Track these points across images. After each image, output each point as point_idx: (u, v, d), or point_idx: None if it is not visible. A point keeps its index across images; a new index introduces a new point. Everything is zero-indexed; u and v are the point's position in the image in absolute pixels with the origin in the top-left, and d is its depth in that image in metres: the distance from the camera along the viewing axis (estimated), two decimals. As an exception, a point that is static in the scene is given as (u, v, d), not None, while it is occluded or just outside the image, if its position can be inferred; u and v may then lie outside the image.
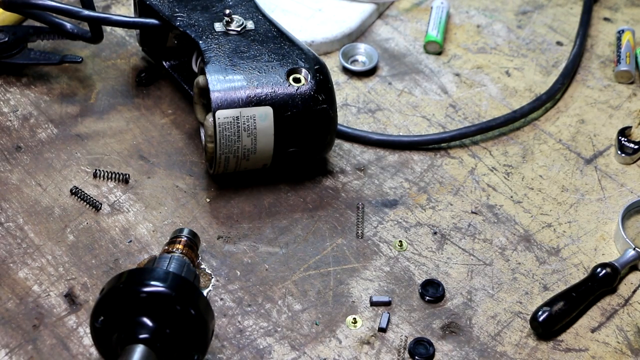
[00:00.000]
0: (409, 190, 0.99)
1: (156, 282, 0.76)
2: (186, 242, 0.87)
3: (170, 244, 0.87)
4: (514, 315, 0.89)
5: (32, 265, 0.90)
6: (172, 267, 0.81)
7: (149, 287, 0.75)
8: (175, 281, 0.76)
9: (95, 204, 0.95)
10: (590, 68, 1.14)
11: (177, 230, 0.89)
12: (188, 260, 0.84)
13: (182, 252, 0.85)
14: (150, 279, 0.76)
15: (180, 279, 0.77)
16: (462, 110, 1.08)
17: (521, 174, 1.02)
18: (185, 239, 0.87)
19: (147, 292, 0.75)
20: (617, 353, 0.86)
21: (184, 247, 0.86)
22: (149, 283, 0.75)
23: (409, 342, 0.86)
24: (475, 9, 1.22)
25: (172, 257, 0.83)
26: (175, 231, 0.89)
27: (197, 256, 0.88)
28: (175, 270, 0.81)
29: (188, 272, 0.82)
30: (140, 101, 1.06)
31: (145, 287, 0.75)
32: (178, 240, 0.87)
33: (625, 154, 1.03)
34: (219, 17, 0.99)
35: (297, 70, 0.94)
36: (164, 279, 0.76)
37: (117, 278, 0.77)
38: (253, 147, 0.92)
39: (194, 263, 0.86)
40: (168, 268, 0.81)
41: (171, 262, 0.82)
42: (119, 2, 1.19)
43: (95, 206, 0.95)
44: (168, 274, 0.77)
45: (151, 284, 0.75)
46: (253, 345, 0.85)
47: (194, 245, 0.87)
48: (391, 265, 0.92)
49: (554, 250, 0.94)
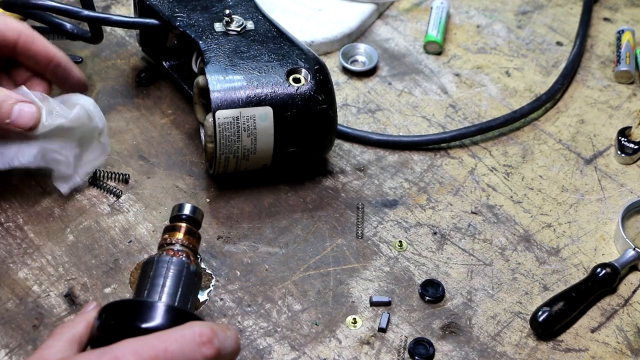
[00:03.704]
0: (409, 191, 0.99)
1: (149, 322, 0.72)
2: (186, 229, 0.83)
3: (170, 231, 0.83)
4: (514, 316, 0.89)
5: (32, 265, 0.90)
6: (169, 280, 0.78)
7: (143, 324, 0.72)
8: (169, 316, 0.73)
9: (116, 192, 0.96)
10: (590, 68, 1.14)
11: (176, 208, 0.84)
12: (186, 260, 0.81)
13: (182, 245, 0.81)
14: (142, 317, 0.73)
15: (175, 311, 0.74)
16: (462, 110, 1.08)
17: (521, 174, 1.02)
18: (185, 227, 0.83)
19: (142, 329, 0.72)
20: (617, 353, 0.86)
21: (184, 235, 0.82)
22: (140, 323, 0.72)
23: (409, 342, 0.86)
24: (475, 9, 1.22)
25: (170, 263, 0.79)
26: (174, 209, 0.84)
27: (198, 239, 0.84)
28: (173, 285, 0.77)
29: (187, 277, 0.79)
30: (140, 101, 1.06)
31: (140, 323, 0.72)
32: (178, 227, 0.83)
33: (625, 154, 1.03)
34: (219, 17, 0.99)
35: (297, 70, 0.94)
36: (156, 315, 0.73)
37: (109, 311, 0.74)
38: (253, 147, 0.93)
39: (195, 251, 0.83)
40: (165, 281, 0.78)
41: (168, 272, 0.78)
42: (119, 2, 1.19)
43: (117, 194, 0.96)
44: (160, 308, 0.73)
45: (143, 326, 0.72)
46: (253, 346, 0.85)
47: (195, 227, 0.83)
48: (391, 265, 0.92)
49: (554, 250, 0.94)
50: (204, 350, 0.69)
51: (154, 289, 0.77)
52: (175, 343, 0.69)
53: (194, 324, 0.70)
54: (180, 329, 0.70)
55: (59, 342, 0.73)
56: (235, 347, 0.72)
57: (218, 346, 0.70)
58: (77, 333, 0.74)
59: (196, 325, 0.70)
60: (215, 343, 0.70)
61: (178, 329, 0.70)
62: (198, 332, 0.69)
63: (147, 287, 0.78)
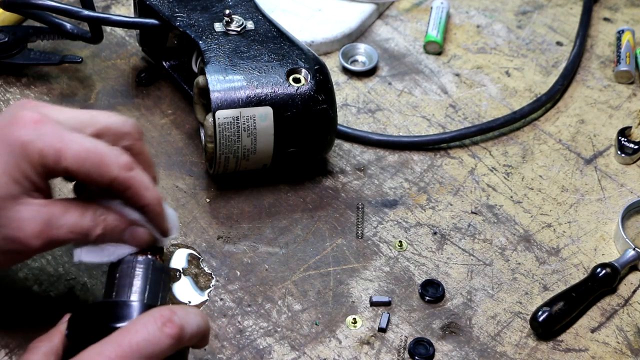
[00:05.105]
0: (409, 191, 0.99)
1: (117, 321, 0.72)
2: None
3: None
4: (514, 316, 0.89)
5: (32, 265, 0.90)
6: (135, 279, 0.77)
7: (113, 324, 0.72)
8: (137, 312, 0.73)
9: None
10: (590, 68, 1.14)
11: None
12: (151, 257, 0.78)
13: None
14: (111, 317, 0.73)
15: (144, 307, 0.73)
16: (462, 110, 1.08)
17: (521, 174, 1.02)
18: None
19: (111, 328, 0.72)
20: (617, 353, 0.86)
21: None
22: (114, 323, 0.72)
23: (409, 342, 0.86)
24: (475, 9, 1.22)
25: (134, 262, 0.78)
26: None
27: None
28: (140, 283, 0.76)
29: (154, 274, 0.78)
30: (140, 101, 1.06)
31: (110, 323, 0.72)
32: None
33: (625, 154, 1.03)
34: (219, 17, 0.99)
35: (297, 70, 0.94)
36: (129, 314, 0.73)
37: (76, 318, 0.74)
38: (253, 147, 0.93)
39: (161, 249, 0.81)
40: (132, 280, 0.76)
41: (134, 271, 0.77)
42: (119, 2, 1.19)
43: None
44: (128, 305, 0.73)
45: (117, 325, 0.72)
46: (253, 346, 0.85)
47: None
48: (391, 265, 0.92)
49: (553, 250, 0.94)
50: (166, 330, 0.69)
51: (122, 289, 0.76)
52: (137, 333, 0.68)
53: (152, 310, 0.70)
54: (138, 319, 0.70)
55: (35, 355, 0.72)
56: (201, 322, 0.72)
57: (179, 323, 0.70)
58: (53, 346, 0.73)
59: (154, 310, 0.70)
60: (176, 320, 0.69)
61: (137, 319, 0.70)
62: (157, 316, 0.69)
63: (115, 288, 0.77)
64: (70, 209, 0.75)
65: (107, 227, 0.76)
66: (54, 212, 0.75)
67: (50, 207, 0.75)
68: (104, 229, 0.76)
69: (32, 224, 0.74)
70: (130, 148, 0.77)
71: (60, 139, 0.73)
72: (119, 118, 0.79)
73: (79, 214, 0.75)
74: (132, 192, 0.76)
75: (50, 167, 0.74)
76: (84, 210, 0.76)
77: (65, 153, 0.73)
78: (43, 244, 0.75)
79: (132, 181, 0.75)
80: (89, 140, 0.75)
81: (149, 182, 0.77)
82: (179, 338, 0.69)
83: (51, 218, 0.74)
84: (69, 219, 0.75)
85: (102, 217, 0.76)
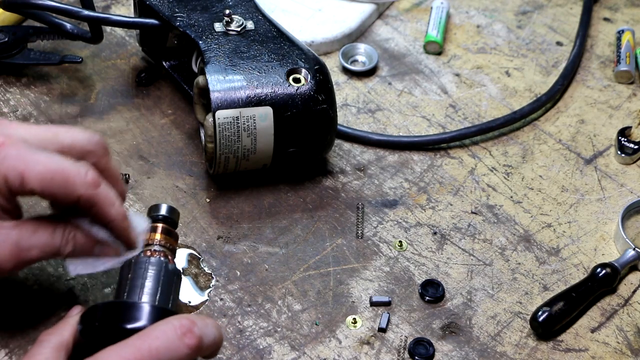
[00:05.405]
0: (408, 191, 0.99)
1: (131, 322, 0.72)
2: (163, 229, 0.82)
3: (149, 231, 0.82)
4: (514, 316, 0.89)
5: (32, 265, 0.89)
6: (147, 280, 0.77)
7: (126, 325, 0.72)
8: (151, 314, 0.73)
9: (125, 177, 0.97)
10: (590, 68, 1.14)
11: (152, 208, 0.83)
12: (164, 259, 0.79)
13: (160, 245, 0.81)
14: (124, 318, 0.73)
15: (157, 310, 0.74)
16: (462, 110, 1.08)
17: (521, 174, 1.02)
18: (162, 227, 0.82)
19: (125, 329, 0.72)
20: (617, 353, 0.86)
21: (162, 235, 0.82)
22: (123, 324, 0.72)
23: (408, 342, 0.86)
24: (475, 9, 1.22)
25: (147, 264, 0.78)
26: (150, 210, 0.83)
27: (176, 239, 0.83)
28: (152, 285, 0.77)
29: (166, 276, 0.78)
30: (140, 101, 1.06)
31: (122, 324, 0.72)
32: (155, 228, 0.82)
33: (625, 154, 1.03)
34: (218, 17, 0.99)
35: (297, 70, 0.94)
36: (138, 315, 0.73)
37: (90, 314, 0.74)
38: (253, 147, 0.93)
39: (174, 251, 0.82)
40: (144, 282, 0.77)
41: (146, 272, 0.78)
42: (119, 2, 1.19)
43: (126, 179, 0.97)
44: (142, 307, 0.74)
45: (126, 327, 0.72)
46: (253, 346, 0.85)
47: (172, 227, 0.83)
48: (391, 265, 0.92)
49: (553, 250, 0.94)
50: (186, 340, 0.69)
51: (133, 290, 0.77)
52: (157, 340, 0.69)
53: (172, 318, 0.70)
54: (159, 325, 0.70)
55: (45, 349, 0.72)
56: (217, 334, 0.72)
57: (199, 334, 0.70)
58: (63, 340, 0.73)
59: (174, 319, 0.70)
60: (196, 331, 0.70)
61: (157, 325, 0.70)
62: (177, 325, 0.69)
63: (127, 288, 0.77)
64: (40, 229, 0.76)
65: (77, 244, 0.77)
66: (23, 234, 0.75)
67: (19, 228, 0.75)
68: (74, 246, 0.77)
69: (2, 247, 0.74)
70: (95, 164, 0.77)
71: (23, 161, 0.73)
72: (84, 135, 0.78)
73: (48, 233, 0.76)
74: (97, 210, 0.76)
75: (15, 190, 0.73)
76: (54, 230, 0.76)
77: (28, 175, 0.72)
78: (15, 265, 0.75)
79: (97, 198, 0.75)
80: (54, 159, 0.74)
81: (114, 198, 0.77)
82: (197, 349, 0.70)
83: (21, 240, 0.75)
84: (39, 239, 0.75)
85: (71, 234, 0.77)
